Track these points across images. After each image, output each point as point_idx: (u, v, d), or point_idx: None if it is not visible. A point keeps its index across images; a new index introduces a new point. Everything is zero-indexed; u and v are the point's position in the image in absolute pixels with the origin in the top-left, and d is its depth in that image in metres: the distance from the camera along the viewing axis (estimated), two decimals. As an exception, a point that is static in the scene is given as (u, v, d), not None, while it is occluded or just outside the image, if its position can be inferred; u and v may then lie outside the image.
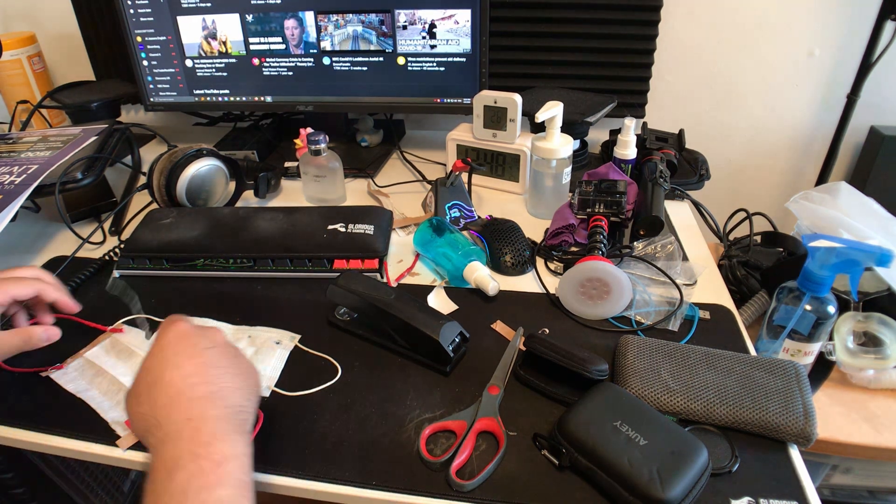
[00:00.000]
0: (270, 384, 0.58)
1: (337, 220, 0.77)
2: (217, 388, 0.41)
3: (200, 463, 0.36)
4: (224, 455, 0.37)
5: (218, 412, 0.40)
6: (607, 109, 0.99)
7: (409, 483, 0.48)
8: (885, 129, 1.09)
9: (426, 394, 0.57)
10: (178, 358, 0.42)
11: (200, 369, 0.42)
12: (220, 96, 1.07)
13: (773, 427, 0.51)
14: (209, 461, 0.36)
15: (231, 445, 0.39)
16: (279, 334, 0.64)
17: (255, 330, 0.65)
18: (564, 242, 0.78)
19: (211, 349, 0.44)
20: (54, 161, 0.81)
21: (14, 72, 1.17)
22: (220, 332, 0.48)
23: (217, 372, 0.42)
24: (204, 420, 0.39)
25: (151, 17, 1.00)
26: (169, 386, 0.41)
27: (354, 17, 0.96)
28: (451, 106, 1.01)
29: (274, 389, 0.57)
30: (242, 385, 0.43)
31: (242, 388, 0.43)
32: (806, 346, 0.62)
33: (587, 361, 0.54)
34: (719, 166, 1.19)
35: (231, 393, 0.42)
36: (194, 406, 0.40)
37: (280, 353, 0.61)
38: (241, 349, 0.50)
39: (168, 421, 0.39)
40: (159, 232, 0.76)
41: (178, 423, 0.39)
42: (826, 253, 0.57)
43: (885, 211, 0.83)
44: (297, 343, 0.63)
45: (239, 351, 0.48)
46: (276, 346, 0.62)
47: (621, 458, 0.46)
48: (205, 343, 0.44)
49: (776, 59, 1.10)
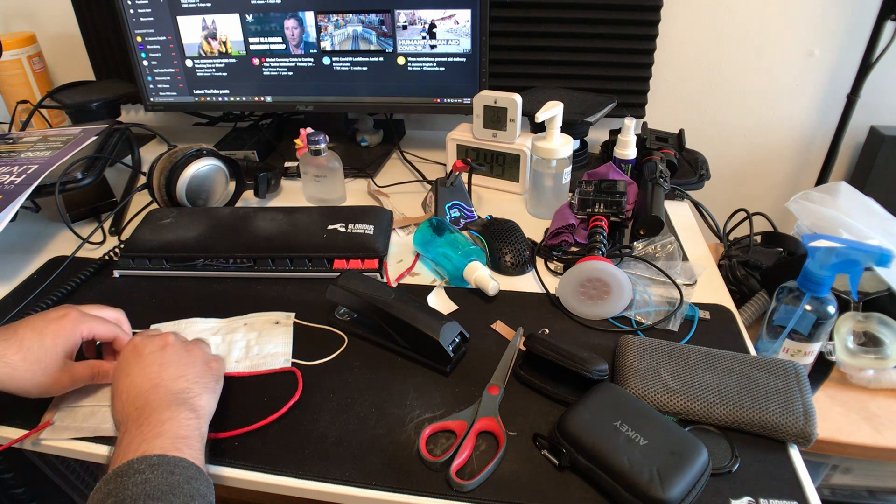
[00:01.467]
0: (288, 358, 0.61)
1: (337, 220, 0.77)
2: (158, 381, 0.48)
3: (142, 428, 0.44)
4: (161, 419, 0.44)
5: (159, 396, 0.47)
6: (607, 109, 0.99)
7: (409, 483, 0.48)
8: (885, 129, 1.09)
9: (426, 394, 0.57)
10: (129, 367, 0.50)
11: (143, 371, 0.49)
12: (220, 96, 1.07)
13: (773, 427, 0.51)
14: (149, 425, 0.44)
15: (169, 412, 0.45)
16: (275, 315, 0.67)
17: (248, 317, 0.66)
18: (564, 242, 0.78)
19: (157, 352, 0.51)
20: (54, 161, 0.81)
21: (14, 72, 1.17)
22: (171, 335, 0.54)
23: (160, 369, 0.49)
24: (147, 403, 0.46)
25: (151, 17, 1.00)
26: (122, 392, 0.48)
27: (354, 17, 0.96)
28: (451, 106, 1.01)
29: (294, 361, 0.61)
30: (185, 373, 0.50)
31: (185, 375, 0.49)
32: (806, 346, 0.62)
33: (587, 361, 0.54)
34: (719, 166, 1.19)
35: (172, 382, 0.48)
36: (139, 398, 0.47)
37: (284, 330, 0.64)
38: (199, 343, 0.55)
39: (124, 416, 0.46)
40: (159, 232, 0.76)
41: (130, 413, 0.46)
42: (826, 253, 0.57)
43: (885, 211, 0.83)
44: (294, 319, 0.66)
45: (192, 347, 0.53)
46: (277, 326, 0.65)
47: (621, 458, 0.46)
48: (151, 349, 0.51)
49: (776, 59, 1.10)
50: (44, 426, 0.53)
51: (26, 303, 0.70)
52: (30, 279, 0.75)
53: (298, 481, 0.49)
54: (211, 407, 0.50)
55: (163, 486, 0.39)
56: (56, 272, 0.74)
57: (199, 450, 0.44)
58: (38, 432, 0.52)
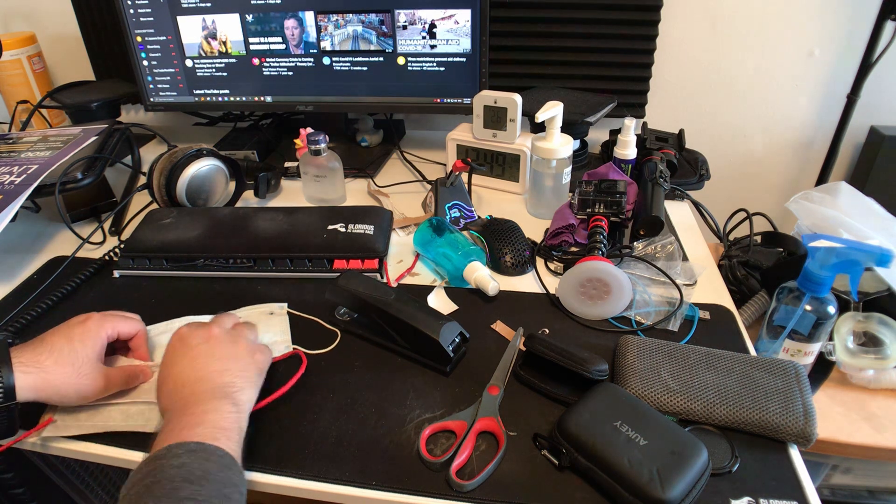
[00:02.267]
0: (288, 344, 0.63)
1: (337, 220, 0.77)
2: (203, 374, 0.49)
3: (184, 417, 0.45)
4: (203, 409, 0.46)
5: (204, 388, 0.48)
6: (607, 109, 0.99)
7: (409, 483, 0.48)
8: (885, 129, 1.09)
9: (426, 394, 0.57)
10: (176, 357, 0.52)
11: (191, 363, 0.50)
12: (220, 96, 1.07)
13: (773, 427, 0.51)
14: (191, 415, 0.45)
15: (213, 404, 0.46)
16: (268, 307, 0.68)
17: (241, 311, 0.67)
18: (564, 242, 0.78)
19: (203, 344, 0.52)
20: (54, 161, 0.81)
21: (14, 72, 1.17)
22: (216, 326, 0.55)
23: (206, 361, 0.50)
24: (192, 394, 0.48)
25: (151, 17, 1.00)
26: (168, 380, 0.50)
27: (354, 17, 0.96)
28: (451, 106, 1.01)
29: (295, 347, 0.62)
30: (230, 366, 0.51)
31: (230, 369, 0.50)
32: (806, 346, 0.62)
33: (587, 361, 0.54)
34: (719, 166, 1.18)
35: (218, 375, 0.49)
36: (185, 389, 0.48)
37: (279, 320, 0.65)
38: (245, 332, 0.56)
39: (169, 404, 0.48)
40: (159, 232, 0.76)
41: (176, 403, 0.48)
42: (826, 253, 0.57)
43: (885, 211, 0.83)
44: (287, 310, 0.67)
45: (238, 338, 0.54)
46: (272, 316, 0.66)
47: (621, 458, 0.46)
48: (197, 340, 0.52)
49: (776, 59, 1.10)
50: (45, 423, 0.53)
51: (26, 303, 0.70)
52: (30, 279, 0.75)
53: (298, 481, 0.49)
54: (252, 401, 0.51)
55: (197, 472, 0.40)
56: (56, 272, 0.74)
57: (238, 442, 0.45)
58: (40, 430, 0.52)
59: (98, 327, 0.53)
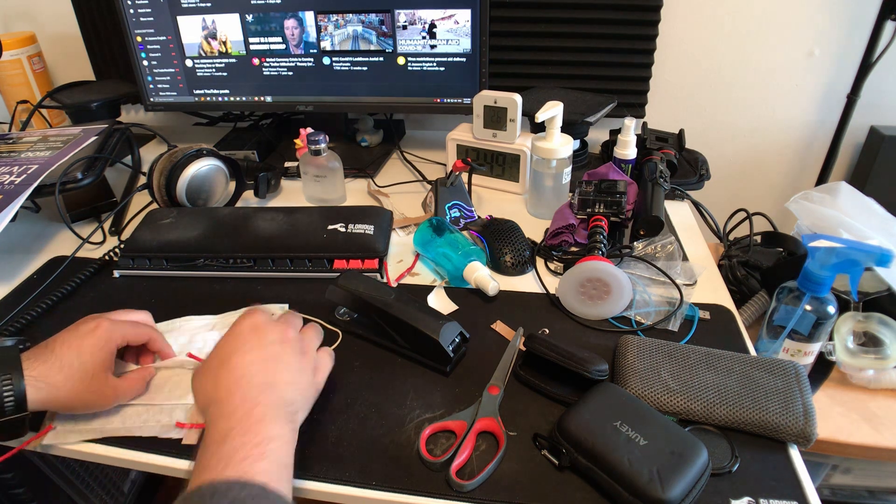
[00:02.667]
0: None
1: (337, 220, 0.77)
2: (274, 380, 0.46)
3: (247, 438, 0.41)
4: (269, 436, 0.42)
5: (270, 400, 0.44)
6: (607, 109, 0.99)
7: (409, 483, 0.48)
8: (885, 129, 1.09)
9: (426, 394, 0.57)
10: (247, 346, 0.48)
11: (264, 360, 0.47)
12: (220, 96, 1.07)
13: (773, 427, 0.51)
14: (255, 438, 0.41)
15: (277, 429, 0.43)
16: (269, 308, 0.67)
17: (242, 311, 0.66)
18: (564, 242, 0.78)
19: (277, 344, 0.49)
20: (54, 161, 0.81)
21: (14, 72, 1.17)
22: (291, 328, 0.52)
23: (277, 366, 0.47)
24: (257, 404, 0.43)
25: (151, 17, 1.00)
26: (234, 369, 0.46)
27: (354, 17, 0.96)
28: (451, 106, 1.01)
29: None
30: (297, 381, 0.48)
31: (297, 383, 0.48)
32: (806, 346, 0.62)
33: (587, 361, 0.54)
34: (719, 166, 1.18)
35: (285, 387, 0.46)
36: (251, 391, 0.44)
37: None
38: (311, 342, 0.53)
39: (227, 399, 0.44)
40: (159, 232, 0.76)
41: (235, 402, 0.43)
42: (826, 253, 0.57)
43: (885, 211, 0.83)
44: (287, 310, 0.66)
45: (307, 348, 0.51)
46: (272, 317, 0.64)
47: (621, 458, 0.46)
48: (273, 337, 0.49)
49: (776, 59, 1.10)
50: (45, 432, 0.52)
51: (26, 303, 0.70)
52: (30, 279, 0.75)
53: (298, 481, 0.49)
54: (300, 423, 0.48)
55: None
56: (56, 272, 0.74)
57: (290, 481, 0.42)
58: (40, 438, 0.52)
59: (108, 339, 0.51)
